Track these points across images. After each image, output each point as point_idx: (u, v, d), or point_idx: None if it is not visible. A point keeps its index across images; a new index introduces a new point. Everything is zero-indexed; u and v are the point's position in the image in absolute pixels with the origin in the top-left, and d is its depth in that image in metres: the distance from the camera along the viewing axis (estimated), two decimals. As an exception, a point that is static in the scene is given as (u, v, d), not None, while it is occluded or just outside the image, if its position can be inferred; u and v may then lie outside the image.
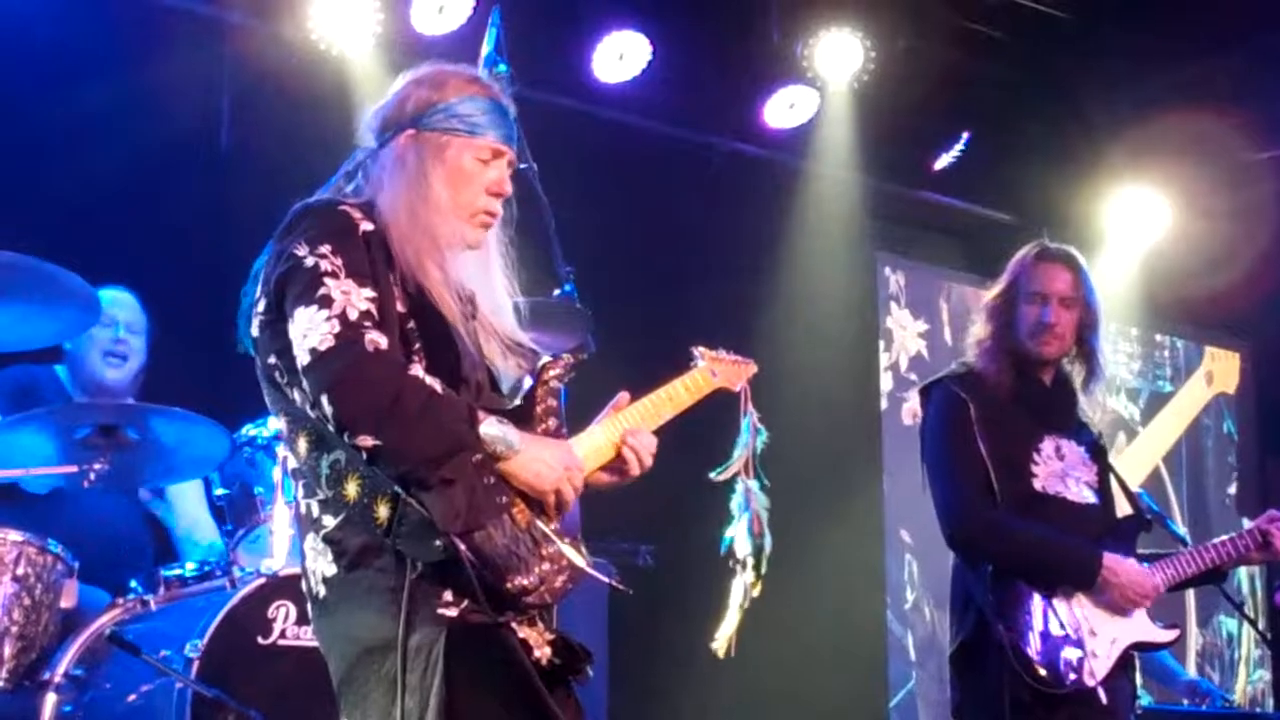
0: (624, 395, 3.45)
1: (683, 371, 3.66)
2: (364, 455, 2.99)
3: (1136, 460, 10.13)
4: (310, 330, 3.00)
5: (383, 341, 3.00)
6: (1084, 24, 8.19)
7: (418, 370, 3.03)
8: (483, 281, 3.37)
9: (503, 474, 3.06)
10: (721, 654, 3.63)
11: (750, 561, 3.67)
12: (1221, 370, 10.68)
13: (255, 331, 3.20)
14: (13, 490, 5.21)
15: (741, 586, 3.67)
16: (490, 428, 3.04)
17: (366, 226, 3.17)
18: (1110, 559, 4.72)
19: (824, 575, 8.19)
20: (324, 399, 2.97)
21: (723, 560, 3.69)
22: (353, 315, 3.01)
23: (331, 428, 3.00)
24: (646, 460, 3.39)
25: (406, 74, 3.41)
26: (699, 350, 3.74)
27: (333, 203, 3.23)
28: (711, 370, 3.70)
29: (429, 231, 3.21)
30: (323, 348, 2.98)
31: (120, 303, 5.61)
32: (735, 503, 3.69)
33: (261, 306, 3.17)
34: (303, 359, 3.01)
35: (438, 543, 2.95)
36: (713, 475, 3.66)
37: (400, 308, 3.14)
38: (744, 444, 3.70)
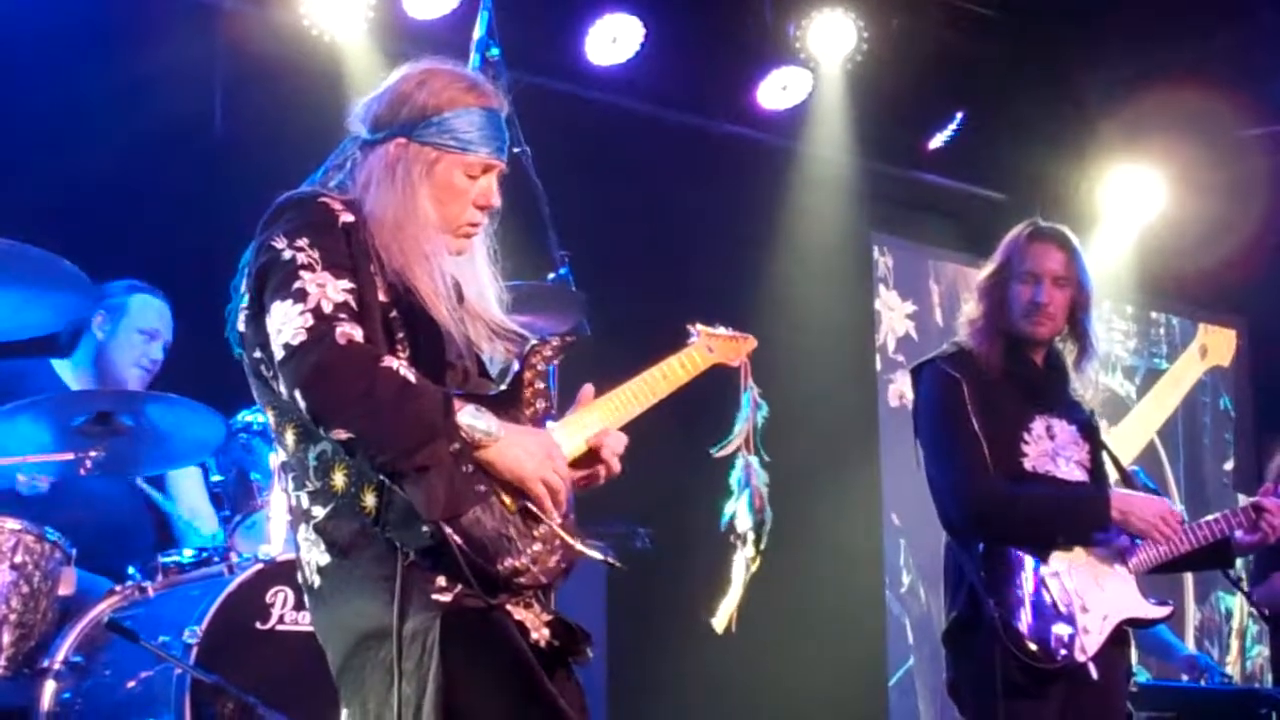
0: (588, 388, 3.40)
1: (678, 350, 3.65)
2: (342, 447, 3.00)
3: (1130, 435, 10.15)
4: (284, 325, 3.00)
5: (356, 333, 2.99)
6: (1076, 2, 8.19)
7: (391, 361, 3.00)
8: (467, 269, 3.36)
9: (482, 462, 3.04)
10: (721, 630, 3.63)
11: (750, 537, 3.66)
12: (1215, 344, 10.68)
13: (241, 326, 3.20)
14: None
15: (742, 562, 3.67)
16: (468, 416, 3.01)
17: (347, 218, 3.16)
18: (1118, 496, 4.74)
19: (823, 555, 8.20)
20: (297, 394, 2.97)
21: (721, 540, 3.69)
22: (327, 308, 3.00)
23: (310, 421, 3.01)
24: (615, 466, 3.34)
25: (403, 68, 3.37)
26: (695, 327, 3.73)
27: (313, 194, 3.21)
28: (708, 346, 3.69)
29: (415, 242, 3.19)
30: (295, 342, 2.97)
31: (167, 319, 5.67)
32: (735, 478, 3.68)
33: (245, 301, 3.17)
34: (278, 354, 3.01)
35: (425, 529, 2.94)
36: (713, 451, 3.66)
37: (382, 297, 3.12)
38: (744, 419, 3.69)
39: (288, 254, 3.07)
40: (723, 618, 3.64)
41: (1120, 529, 4.74)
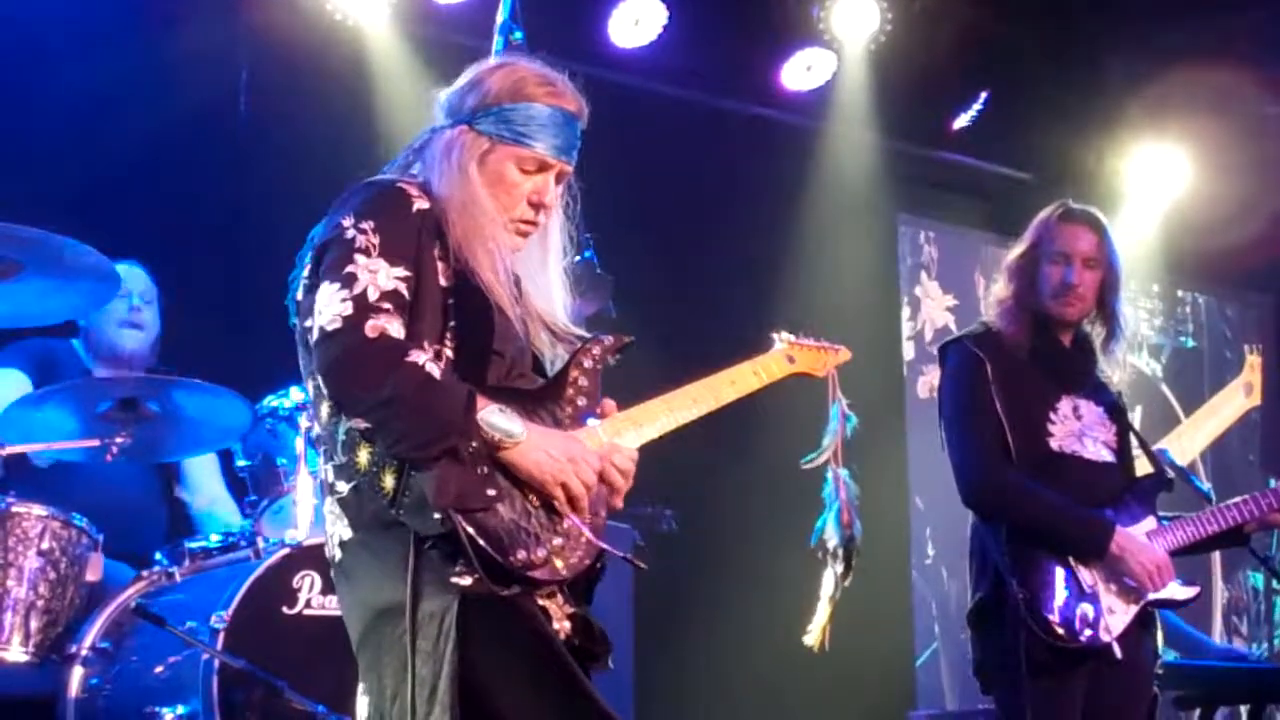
0: (609, 403, 3.31)
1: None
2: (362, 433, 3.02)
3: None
4: (326, 307, 3.02)
5: (390, 326, 3.00)
6: (1101, -20, 8.17)
7: (418, 355, 3.00)
8: (538, 270, 3.36)
9: (504, 463, 3.03)
10: (817, 647, 3.60)
11: (840, 553, 3.63)
12: (1261, 382, 10.63)
13: (300, 295, 3.21)
14: (35, 463, 5.23)
15: (832, 578, 3.64)
16: (491, 415, 3.00)
17: (422, 205, 3.17)
18: (1122, 534, 4.69)
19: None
20: (322, 380, 3.03)
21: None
22: (372, 296, 3.01)
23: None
24: (619, 483, 3.21)
25: (487, 60, 3.38)
26: (779, 334, 3.69)
27: (392, 180, 3.23)
28: (788, 356, 3.66)
29: (477, 224, 3.19)
30: (330, 328, 3.00)
31: (133, 275, 5.62)
32: (825, 492, 3.65)
33: (306, 271, 3.19)
34: (313, 335, 3.04)
35: (436, 516, 2.94)
36: (803, 463, 3.62)
37: (444, 282, 3.12)
38: (833, 432, 3.67)
39: (350, 234, 3.08)
40: (816, 634, 3.62)
41: (1115, 563, 4.69)
